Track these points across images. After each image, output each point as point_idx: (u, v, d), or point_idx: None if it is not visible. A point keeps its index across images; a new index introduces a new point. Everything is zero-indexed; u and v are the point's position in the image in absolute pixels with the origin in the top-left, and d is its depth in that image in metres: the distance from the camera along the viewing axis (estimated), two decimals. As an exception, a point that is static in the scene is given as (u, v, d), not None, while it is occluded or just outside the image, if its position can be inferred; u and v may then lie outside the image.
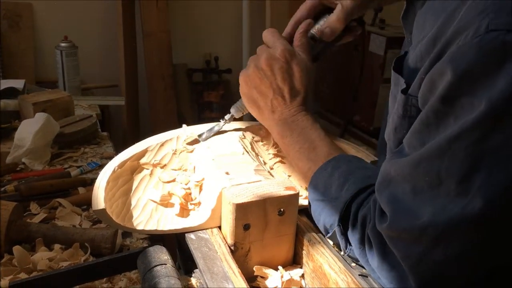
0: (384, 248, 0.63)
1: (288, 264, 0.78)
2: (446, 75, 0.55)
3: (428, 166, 0.57)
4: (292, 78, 0.81)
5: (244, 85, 0.84)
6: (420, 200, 0.58)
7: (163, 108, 2.57)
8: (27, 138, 1.18)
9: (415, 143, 0.61)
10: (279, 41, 0.82)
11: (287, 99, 0.81)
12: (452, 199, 0.55)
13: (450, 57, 0.55)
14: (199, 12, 2.67)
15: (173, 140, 0.87)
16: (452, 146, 0.54)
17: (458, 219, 0.55)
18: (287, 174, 0.88)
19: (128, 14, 2.42)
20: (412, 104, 0.64)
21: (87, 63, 2.28)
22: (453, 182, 0.55)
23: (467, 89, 0.53)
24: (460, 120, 0.54)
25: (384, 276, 0.65)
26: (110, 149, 1.33)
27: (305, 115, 0.81)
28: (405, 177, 0.60)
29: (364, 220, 0.67)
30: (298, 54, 0.82)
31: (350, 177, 0.72)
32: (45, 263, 0.79)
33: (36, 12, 2.31)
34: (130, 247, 0.89)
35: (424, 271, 0.59)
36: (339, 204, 0.70)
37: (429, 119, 0.58)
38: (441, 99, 0.56)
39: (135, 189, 0.79)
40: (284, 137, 0.82)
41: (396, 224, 0.60)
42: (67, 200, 1.01)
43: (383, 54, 2.46)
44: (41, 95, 1.43)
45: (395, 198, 0.61)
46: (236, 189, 0.71)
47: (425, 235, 0.58)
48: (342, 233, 0.71)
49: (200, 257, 0.68)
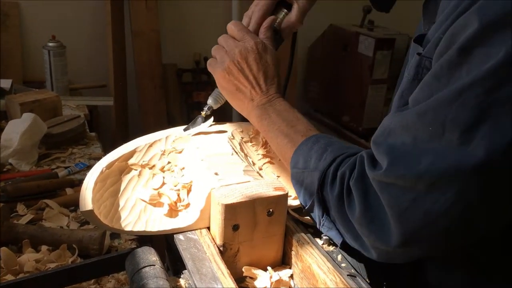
0: (367, 199, 0.64)
1: (277, 265, 0.78)
2: (470, 25, 0.55)
3: (434, 115, 0.57)
4: (266, 67, 0.87)
5: (222, 80, 0.88)
6: (421, 148, 0.59)
7: (152, 108, 2.56)
8: (14, 139, 1.17)
9: (421, 96, 0.61)
10: (249, 35, 0.88)
11: (263, 87, 0.86)
12: (453, 148, 0.56)
13: (478, 7, 0.55)
14: (188, 12, 2.66)
15: (162, 140, 0.87)
16: (462, 95, 0.55)
17: (456, 167, 0.55)
18: (276, 175, 0.88)
19: (117, 13, 2.40)
20: (424, 66, 0.64)
21: (75, 62, 2.26)
22: (457, 132, 0.55)
23: (488, 39, 0.54)
24: (473, 71, 0.54)
25: (364, 228, 0.65)
26: (98, 150, 1.33)
27: (282, 100, 0.87)
28: (408, 127, 0.61)
29: (343, 176, 0.68)
30: (269, 46, 0.89)
31: (328, 148, 0.74)
32: (32, 265, 0.78)
33: (23, 11, 2.29)
34: (118, 248, 0.88)
35: (411, 220, 0.60)
36: (317, 173, 0.72)
37: (442, 70, 0.58)
38: (459, 49, 0.56)
39: (123, 190, 0.79)
40: (263, 120, 0.85)
41: (393, 170, 0.60)
42: (55, 201, 1.00)
43: (372, 56, 2.47)
44: (29, 95, 1.41)
45: (394, 147, 0.62)
46: (225, 190, 0.71)
47: (420, 181, 0.58)
48: (319, 202, 0.72)
49: (189, 258, 0.68)
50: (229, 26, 0.90)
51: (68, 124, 1.35)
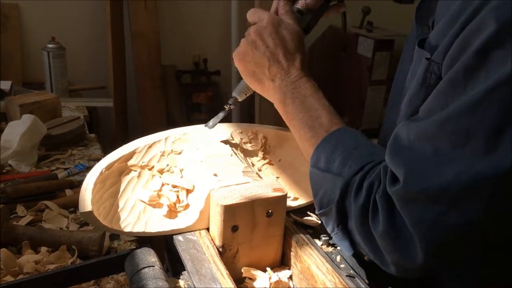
0: (392, 215, 0.60)
1: (276, 266, 0.78)
2: (486, 28, 0.53)
3: (455, 123, 0.54)
4: (284, 42, 0.80)
5: (239, 63, 0.83)
6: (442, 160, 0.55)
7: (151, 110, 2.56)
8: (14, 140, 1.17)
9: (435, 106, 0.58)
10: (264, 13, 0.83)
11: (284, 64, 0.79)
12: (479, 157, 0.53)
13: (492, 8, 0.53)
14: (188, 13, 2.66)
15: (161, 141, 0.87)
16: (484, 101, 0.52)
17: (483, 176, 0.52)
18: (275, 176, 0.88)
19: (116, 14, 2.41)
20: (433, 71, 0.62)
21: (74, 64, 2.26)
22: (482, 139, 0.52)
23: (506, 41, 0.51)
24: (492, 74, 0.52)
25: (388, 245, 0.61)
26: (98, 151, 1.33)
27: (306, 81, 0.79)
28: (427, 138, 0.57)
29: (370, 187, 0.64)
30: (286, 20, 0.83)
31: (354, 152, 0.69)
32: (32, 266, 0.78)
33: (23, 12, 2.29)
34: (117, 249, 0.88)
35: (436, 238, 0.57)
36: (341, 181, 0.67)
37: (458, 77, 0.55)
38: (475, 53, 0.53)
39: (123, 191, 0.79)
40: (286, 105, 0.79)
41: (412, 184, 0.57)
42: (54, 202, 1.00)
43: (371, 56, 2.48)
44: (28, 97, 1.42)
45: (411, 160, 0.58)
46: (224, 191, 0.71)
47: (444, 196, 0.55)
48: (338, 211, 0.68)
49: (188, 259, 0.68)
50: (248, 14, 0.86)
51: (67, 125, 1.35)
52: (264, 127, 0.96)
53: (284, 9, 0.85)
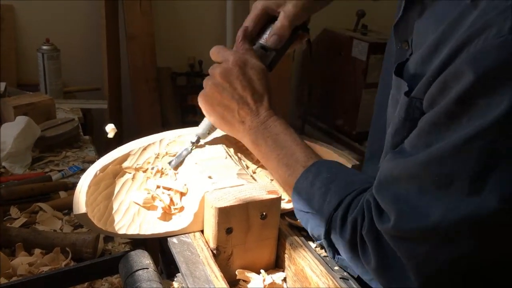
0: (382, 249, 0.62)
1: (271, 268, 0.78)
2: (464, 76, 0.54)
3: (438, 165, 0.56)
4: (251, 83, 0.81)
5: (206, 106, 0.84)
6: (429, 199, 0.57)
7: (146, 112, 2.55)
8: (8, 142, 1.17)
9: (420, 143, 0.60)
10: (228, 53, 0.82)
11: (252, 105, 0.80)
12: (464, 198, 0.54)
13: (469, 58, 0.54)
14: (183, 15, 2.66)
15: (156, 144, 0.87)
16: (467, 145, 0.54)
17: (469, 218, 0.54)
18: (269, 178, 0.89)
19: (111, 16, 2.40)
20: (415, 106, 0.63)
21: (69, 66, 2.26)
22: (466, 181, 0.54)
23: (486, 90, 0.52)
24: (475, 120, 0.53)
25: (382, 278, 0.63)
26: (92, 153, 1.32)
27: (276, 120, 0.81)
28: (411, 177, 0.59)
29: (355, 222, 0.66)
30: (250, 59, 0.82)
31: (331, 186, 0.71)
32: (25, 268, 0.78)
33: (18, 14, 2.28)
34: (111, 251, 0.88)
35: (428, 270, 0.59)
36: (323, 217, 0.70)
37: (440, 120, 0.57)
38: (456, 100, 0.55)
39: (117, 193, 0.79)
40: (259, 146, 0.81)
41: (403, 224, 0.59)
42: (48, 204, 1.00)
43: (365, 60, 2.48)
44: (22, 98, 1.41)
45: (399, 198, 0.60)
46: (219, 193, 0.72)
47: (434, 234, 0.57)
48: (329, 245, 0.71)
49: (182, 261, 0.68)
50: (211, 52, 0.85)
51: (62, 127, 1.34)
52: (258, 129, 0.96)
53: (243, 47, 0.84)
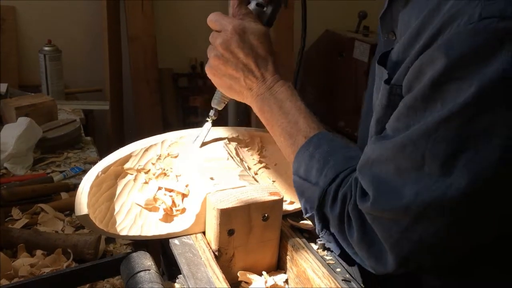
0: (364, 226, 0.65)
1: (272, 269, 0.78)
2: (437, 61, 0.56)
3: (413, 148, 0.58)
4: (254, 49, 0.80)
5: (214, 77, 0.84)
6: (403, 180, 0.60)
7: (148, 113, 2.55)
8: (9, 143, 1.17)
9: (400, 126, 0.62)
10: (225, 21, 0.81)
11: (257, 72, 0.80)
12: (436, 179, 0.57)
13: (443, 44, 0.56)
14: (184, 17, 2.67)
15: (158, 145, 0.87)
16: (439, 128, 0.56)
17: (441, 198, 0.56)
18: (271, 180, 0.89)
19: (113, 18, 2.41)
20: (396, 93, 0.65)
21: (71, 67, 2.26)
22: (437, 163, 0.57)
23: (458, 74, 0.55)
24: (447, 104, 0.56)
25: (363, 252, 0.67)
26: (94, 154, 1.32)
27: (282, 85, 0.80)
28: (388, 158, 0.62)
29: (344, 198, 0.68)
30: (249, 24, 0.81)
31: (330, 159, 0.73)
32: (27, 269, 0.78)
33: (20, 15, 2.29)
34: (113, 252, 0.88)
35: (403, 249, 0.61)
36: (318, 190, 0.71)
37: (416, 103, 0.59)
38: (430, 84, 0.57)
39: (119, 194, 0.79)
40: (265, 112, 0.81)
41: (379, 204, 0.61)
42: (50, 205, 1.00)
43: (367, 61, 2.48)
44: (24, 99, 1.41)
45: (378, 178, 0.62)
46: (221, 195, 0.71)
47: (407, 214, 0.59)
48: (319, 218, 0.72)
49: (184, 262, 0.68)
50: (208, 20, 0.84)
51: (63, 128, 1.34)
52: (260, 130, 0.96)
53: (240, 12, 0.83)
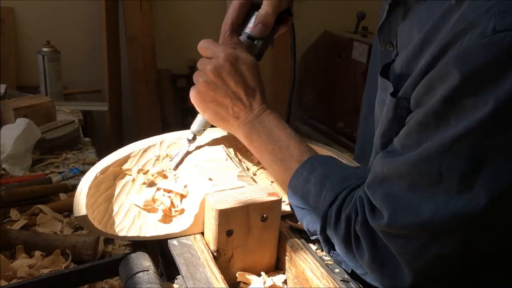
0: (375, 245, 0.64)
1: (271, 270, 0.78)
2: (450, 76, 0.55)
3: (427, 164, 0.58)
4: (244, 78, 0.80)
5: (199, 103, 0.83)
6: (419, 197, 0.59)
7: (146, 114, 2.56)
8: (8, 144, 1.17)
9: (410, 143, 0.61)
10: (218, 49, 0.81)
11: (246, 101, 0.80)
12: (454, 196, 0.56)
13: (455, 58, 0.55)
14: (183, 17, 2.67)
15: (156, 146, 0.87)
16: (454, 145, 0.55)
17: (459, 216, 0.56)
18: (270, 180, 0.89)
19: (111, 18, 2.41)
20: (403, 106, 0.64)
21: (69, 68, 2.26)
22: (455, 179, 0.56)
23: (473, 89, 0.54)
24: (462, 120, 0.55)
25: (376, 272, 0.65)
26: (93, 155, 1.32)
27: (269, 114, 0.81)
28: (401, 175, 0.61)
29: (348, 218, 0.67)
30: (241, 54, 0.81)
31: (326, 181, 0.72)
32: (25, 270, 0.78)
33: (18, 16, 2.29)
34: (112, 253, 0.88)
35: (420, 265, 0.61)
36: (319, 213, 0.71)
37: (428, 120, 0.58)
38: (443, 100, 0.56)
39: (118, 195, 0.79)
40: (254, 141, 0.81)
41: (396, 221, 0.60)
42: (48, 206, 1.00)
43: (365, 62, 2.48)
44: (23, 100, 1.41)
45: (391, 195, 0.61)
46: (219, 195, 0.72)
47: (424, 231, 0.58)
48: (324, 240, 0.72)
49: (182, 263, 0.68)
50: (199, 47, 0.84)
51: (62, 129, 1.34)
52: (259, 131, 0.96)
53: (232, 41, 0.83)
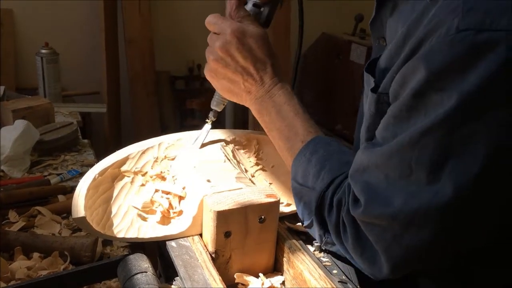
0: (358, 232, 0.66)
1: (269, 271, 0.78)
2: (418, 71, 0.57)
3: (399, 157, 0.60)
4: (253, 52, 0.79)
5: (213, 80, 0.84)
6: (392, 188, 0.61)
7: (145, 115, 2.56)
8: (6, 146, 1.17)
9: (387, 135, 0.63)
10: (224, 24, 0.80)
11: (256, 76, 0.80)
12: (423, 187, 0.58)
13: (424, 55, 0.57)
14: (182, 19, 2.67)
15: (155, 147, 0.87)
16: (423, 138, 0.57)
17: (428, 206, 0.58)
18: (268, 182, 0.89)
19: (110, 20, 2.41)
20: (384, 101, 0.66)
21: (68, 69, 2.26)
22: (424, 171, 0.58)
23: (438, 85, 0.56)
24: (430, 114, 0.57)
25: (358, 257, 0.68)
26: (91, 157, 1.32)
27: (280, 88, 0.81)
28: (378, 166, 0.63)
29: (339, 204, 0.69)
30: (248, 27, 0.80)
31: (326, 163, 0.74)
32: (24, 272, 0.78)
33: (17, 18, 2.29)
34: (110, 255, 0.88)
35: (395, 254, 0.63)
36: (315, 194, 0.72)
37: (401, 113, 0.60)
38: (413, 94, 0.58)
39: (116, 196, 0.79)
40: (263, 116, 0.82)
41: (370, 210, 0.62)
42: (47, 208, 1.00)
43: (364, 64, 2.49)
44: (21, 102, 1.41)
45: (368, 185, 0.64)
46: (217, 197, 0.72)
47: (396, 221, 0.60)
48: (318, 222, 0.73)
49: (181, 264, 0.68)
50: (207, 22, 0.83)
51: (60, 131, 1.34)
52: (257, 133, 0.96)
53: (239, 14, 0.82)
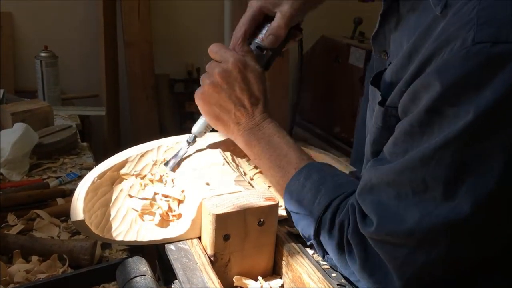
0: (366, 252, 0.65)
1: (268, 275, 0.78)
2: (432, 86, 0.56)
3: (412, 173, 0.59)
4: (250, 86, 0.81)
5: (203, 104, 0.84)
6: (405, 205, 0.60)
7: (144, 119, 2.56)
8: (5, 149, 1.17)
9: (397, 151, 0.62)
10: (227, 53, 0.82)
11: (249, 108, 0.81)
12: (438, 204, 0.57)
13: (436, 69, 0.56)
14: (181, 22, 2.68)
15: (154, 150, 0.87)
16: (437, 153, 0.56)
17: (445, 222, 0.57)
18: (267, 185, 0.89)
19: (109, 23, 2.41)
20: (392, 114, 0.66)
21: (67, 73, 2.26)
22: (439, 187, 0.57)
23: (453, 100, 0.55)
24: (444, 129, 0.56)
25: (366, 278, 0.66)
26: (90, 160, 1.32)
27: (270, 122, 0.82)
28: (388, 183, 0.62)
29: (342, 225, 0.68)
30: (250, 62, 0.82)
31: (321, 187, 0.73)
32: (22, 275, 0.78)
33: (16, 21, 2.29)
34: (109, 258, 0.88)
35: (408, 272, 0.62)
36: (313, 218, 0.71)
37: (413, 129, 0.60)
38: (426, 109, 0.57)
39: (115, 200, 0.79)
40: (253, 147, 0.82)
41: (382, 228, 0.61)
42: (46, 211, 1.00)
43: (362, 67, 2.49)
44: (20, 105, 1.41)
45: (379, 203, 0.63)
46: (216, 200, 0.72)
47: (410, 238, 0.59)
48: (318, 245, 0.73)
49: (179, 268, 0.68)
50: (210, 50, 0.84)
51: (59, 134, 1.34)
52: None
53: (243, 50, 0.84)
